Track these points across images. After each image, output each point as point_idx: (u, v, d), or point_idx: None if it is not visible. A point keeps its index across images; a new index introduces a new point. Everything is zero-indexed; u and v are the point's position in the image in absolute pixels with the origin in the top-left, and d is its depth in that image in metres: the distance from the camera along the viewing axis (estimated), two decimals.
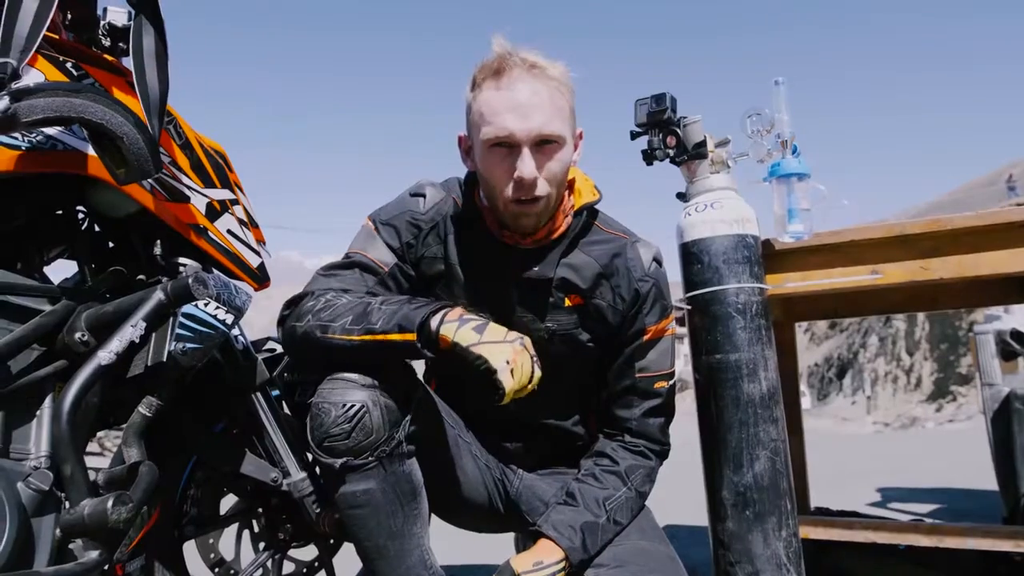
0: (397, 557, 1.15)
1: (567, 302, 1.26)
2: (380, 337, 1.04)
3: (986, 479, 2.49)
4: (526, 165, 1.12)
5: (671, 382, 1.31)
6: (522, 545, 1.54)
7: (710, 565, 1.39)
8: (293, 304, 1.19)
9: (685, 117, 1.46)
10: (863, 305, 2.11)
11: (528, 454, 1.38)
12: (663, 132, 1.46)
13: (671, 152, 1.46)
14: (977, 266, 1.43)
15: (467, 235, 1.26)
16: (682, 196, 1.50)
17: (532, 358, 1.05)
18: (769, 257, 1.52)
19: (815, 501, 2.13)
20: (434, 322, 1.04)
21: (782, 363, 1.45)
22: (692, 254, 1.40)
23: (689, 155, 1.45)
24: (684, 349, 1.44)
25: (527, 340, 1.06)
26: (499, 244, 1.25)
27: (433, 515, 1.31)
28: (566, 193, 1.25)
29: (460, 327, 1.03)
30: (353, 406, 1.06)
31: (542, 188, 1.15)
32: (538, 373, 1.05)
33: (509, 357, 1.01)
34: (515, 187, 1.14)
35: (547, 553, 1.16)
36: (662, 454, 1.32)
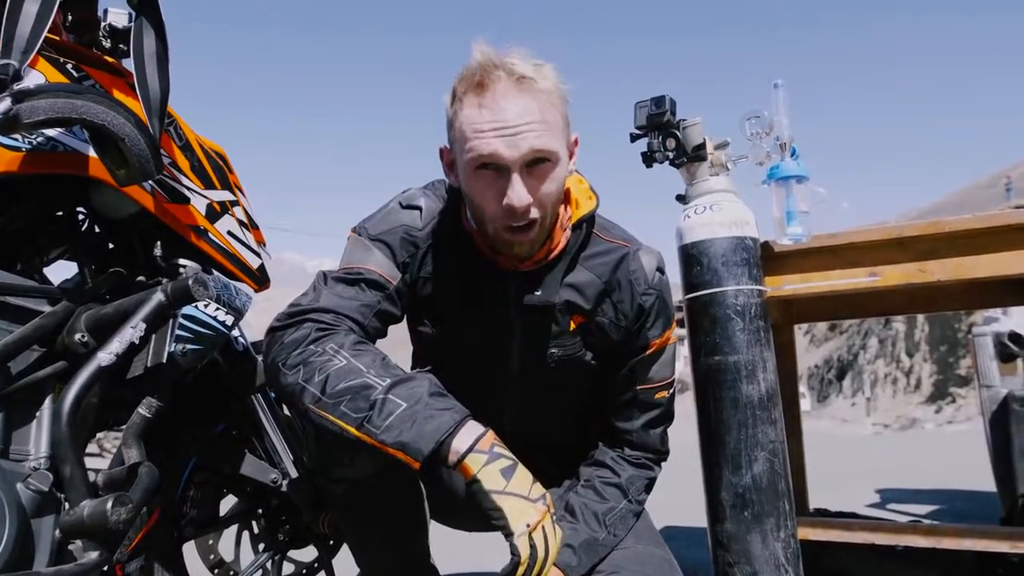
0: (399, 570, 1.15)
1: (571, 325, 1.19)
2: (378, 446, 0.91)
3: (984, 480, 2.49)
4: (516, 192, 1.00)
5: (672, 391, 1.27)
6: None
7: (709, 566, 1.39)
8: (292, 320, 1.04)
9: (684, 119, 1.46)
10: (862, 307, 2.12)
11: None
12: (662, 134, 1.46)
13: (670, 154, 1.46)
14: (975, 268, 1.43)
15: (458, 257, 1.16)
16: (681, 198, 1.50)
17: (554, 523, 0.93)
18: (768, 259, 1.52)
19: (814, 502, 2.14)
20: (457, 443, 0.90)
21: (781, 365, 1.45)
22: (691, 256, 1.41)
23: (688, 157, 1.45)
24: (683, 351, 1.44)
25: (549, 498, 0.94)
26: (494, 268, 1.15)
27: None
28: (562, 207, 1.15)
29: (488, 463, 0.90)
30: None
31: (535, 213, 1.04)
32: (560, 535, 0.94)
33: (531, 520, 0.89)
34: (505, 214, 1.03)
35: None
36: (661, 461, 1.30)
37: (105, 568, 1.01)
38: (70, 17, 1.24)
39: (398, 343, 1.25)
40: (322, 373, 0.96)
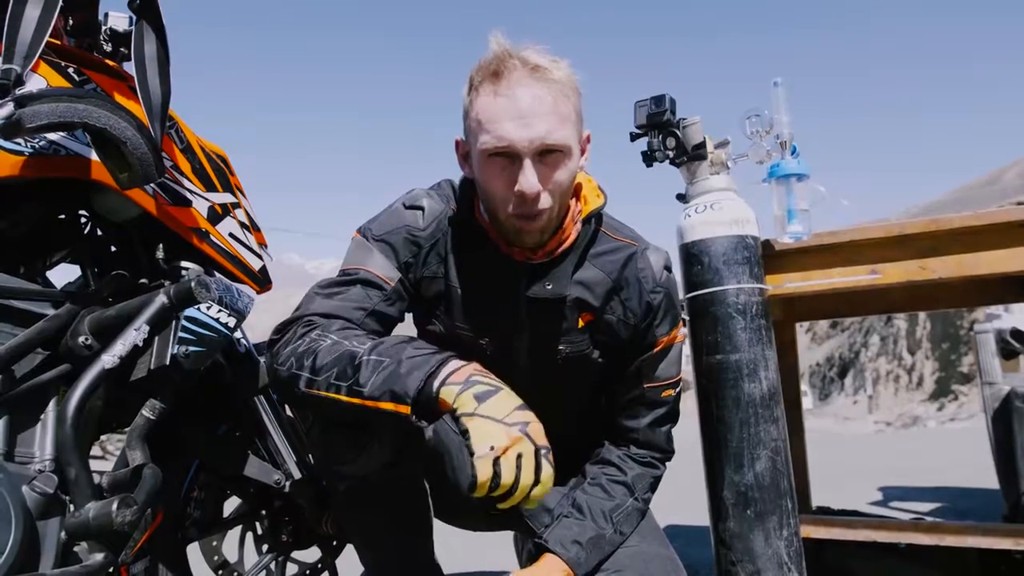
0: (405, 569, 1.15)
1: (580, 322, 1.19)
2: (369, 404, 0.92)
3: (987, 478, 2.49)
4: (527, 179, 1.02)
5: (678, 389, 1.28)
6: (521, 545, 1.55)
7: (712, 565, 1.39)
8: (282, 331, 1.07)
9: (684, 118, 1.47)
10: (863, 305, 2.12)
11: None
12: (663, 134, 1.47)
13: (671, 153, 1.47)
14: (976, 265, 1.44)
15: (469, 251, 1.17)
16: (682, 197, 1.50)
17: (538, 451, 0.87)
18: (769, 257, 1.53)
19: (816, 500, 2.14)
20: (435, 384, 0.90)
21: (783, 363, 1.46)
22: (692, 255, 1.41)
23: (689, 156, 1.46)
24: (685, 350, 1.45)
25: (536, 427, 0.89)
26: (506, 260, 1.15)
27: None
28: (573, 200, 1.16)
29: (463, 391, 0.88)
30: (360, 432, 1.03)
31: (545, 202, 1.05)
32: (546, 472, 0.87)
33: (497, 443, 0.84)
34: (516, 201, 1.05)
35: (550, 571, 1.14)
36: (667, 460, 1.31)
37: (111, 569, 1.01)
38: (71, 21, 1.24)
39: None
40: (310, 356, 0.98)
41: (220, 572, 1.42)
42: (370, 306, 1.10)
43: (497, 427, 0.85)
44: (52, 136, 1.07)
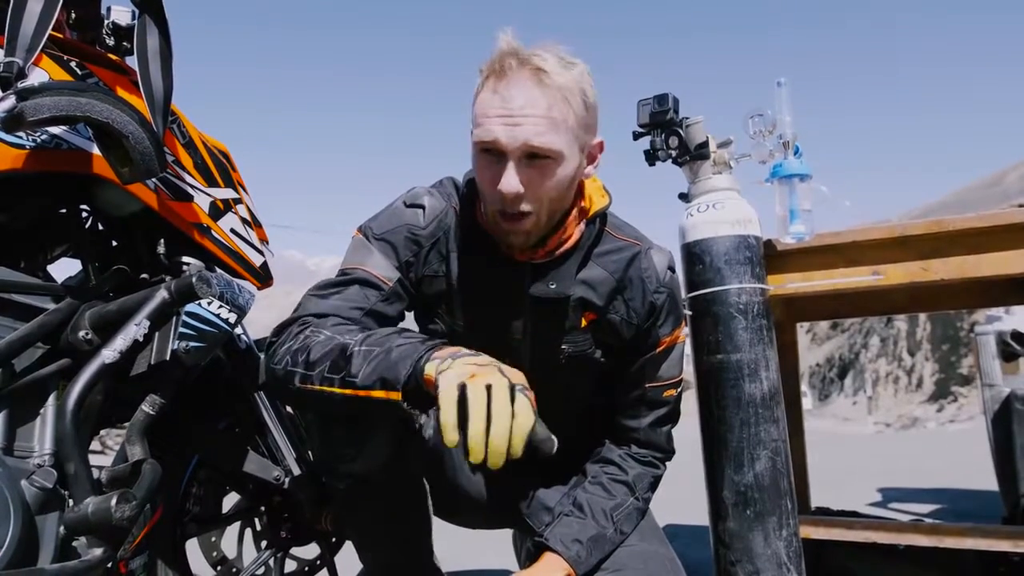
0: (404, 567, 1.15)
1: (583, 322, 1.19)
2: (361, 394, 0.91)
3: (987, 479, 2.49)
4: (507, 179, 1.01)
5: (679, 389, 1.28)
6: (520, 543, 1.55)
7: (711, 564, 1.39)
8: (279, 333, 1.07)
9: (687, 118, 1.46)
10: (864, 306, 2.12)
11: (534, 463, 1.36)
12: (665, 133, 1.46)
13: (673, 153, 1.47)
14: (978, 267, 1.43)
15: (471, 249, 1.16)
16: (684, 197, 1.50)
17: (512, 387, 0.81)
18: (771, 258, 1.52)
19: (816, 501, 2.14)
20: (421, 363, 0.88)
21: (783, 363, 1.45)
22: (694, 254, 1.41)
23: (691, 156, 1.45)
24: (686, 349, 1.45)
25: (516, 372, 0.86)
26: (508, 259, 1.14)
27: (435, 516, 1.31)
28: (579, 201, 1.15)
29: (444, 360, 0.86)
30: (359, 428, 1.03)
31: (527, 206, 1.04)
32: (522, 404, 0.81)
33: (466, 377, 0.81)
34: (499, 199, 1.04)
35: (551, 570, 1.14)
36: (667, 460, 1.31)
37: (109, 565, 1.01)
38: (73, 15, 1.24)
39: None
40: (304, 353, 0.98)
41: (219, 568, 1.42)
42: (368, 306, 1.09)
43: (468, 366, 0.83)
44: (54, 130, 1.07)
